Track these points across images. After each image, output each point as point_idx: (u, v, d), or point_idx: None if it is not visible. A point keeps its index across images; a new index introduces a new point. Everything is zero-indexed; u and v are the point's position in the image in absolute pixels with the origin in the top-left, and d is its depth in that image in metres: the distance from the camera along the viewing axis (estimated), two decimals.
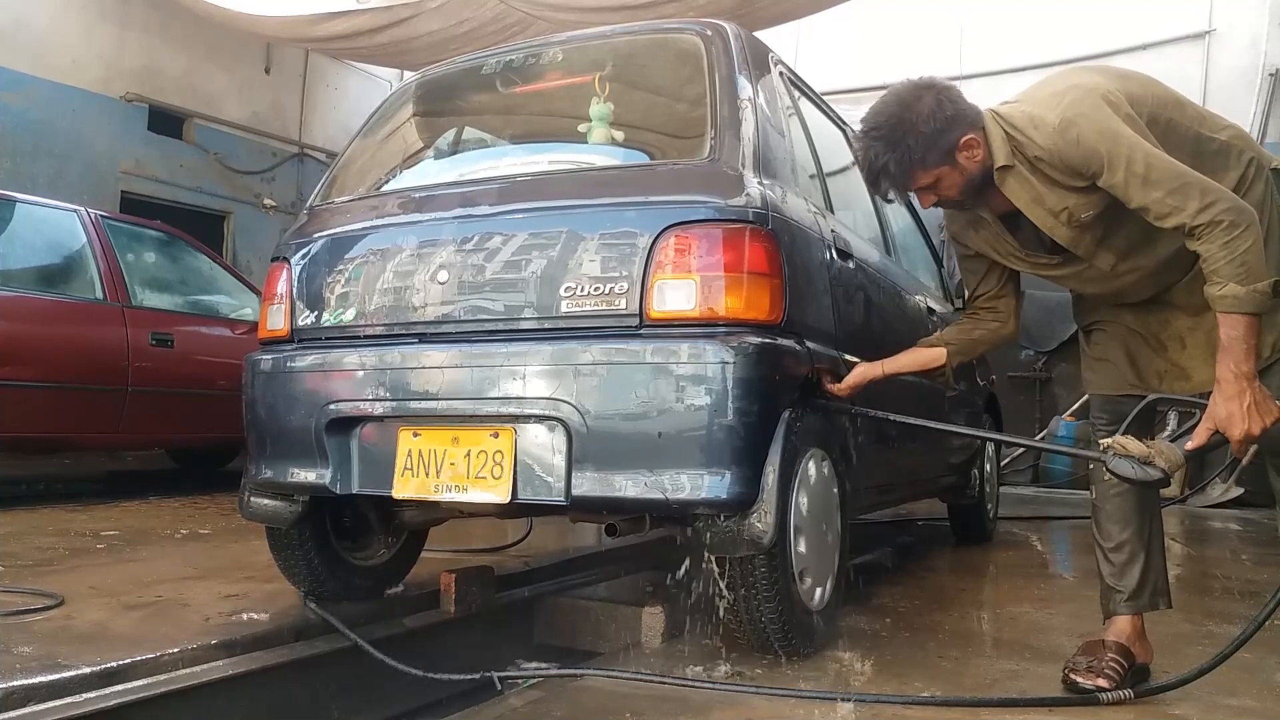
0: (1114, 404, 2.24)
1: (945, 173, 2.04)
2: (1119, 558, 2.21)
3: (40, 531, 3.86)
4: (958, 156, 2.02)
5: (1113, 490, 2.19)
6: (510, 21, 6.71)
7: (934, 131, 1.99)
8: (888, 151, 2.01)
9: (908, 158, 2.01)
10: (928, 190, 2.09)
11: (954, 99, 2.03)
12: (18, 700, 1.93)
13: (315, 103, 9.62)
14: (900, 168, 2.02)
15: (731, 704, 2.07)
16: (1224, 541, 4.98)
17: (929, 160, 2.02)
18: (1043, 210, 2.04)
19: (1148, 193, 1.87)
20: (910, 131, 1.99)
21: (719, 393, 2.10)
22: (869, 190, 2.15)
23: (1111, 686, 2.04)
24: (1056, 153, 1.96)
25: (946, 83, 2.08)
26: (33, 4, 7.23)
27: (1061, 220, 2.04)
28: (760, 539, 2.13)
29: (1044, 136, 1.97)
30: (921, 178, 2.05)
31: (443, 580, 2.88)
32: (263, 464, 2.58)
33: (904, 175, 2.04)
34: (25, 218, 4.94)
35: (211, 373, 5.19)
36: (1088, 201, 2.00)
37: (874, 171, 2.06)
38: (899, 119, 2.01)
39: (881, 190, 2.11)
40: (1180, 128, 2.03)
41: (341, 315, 2.52)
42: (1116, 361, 2.23)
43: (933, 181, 2.06)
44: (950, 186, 2.07)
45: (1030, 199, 2.05)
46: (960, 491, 4.38)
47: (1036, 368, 8.27)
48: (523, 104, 3.01)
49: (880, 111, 2.05)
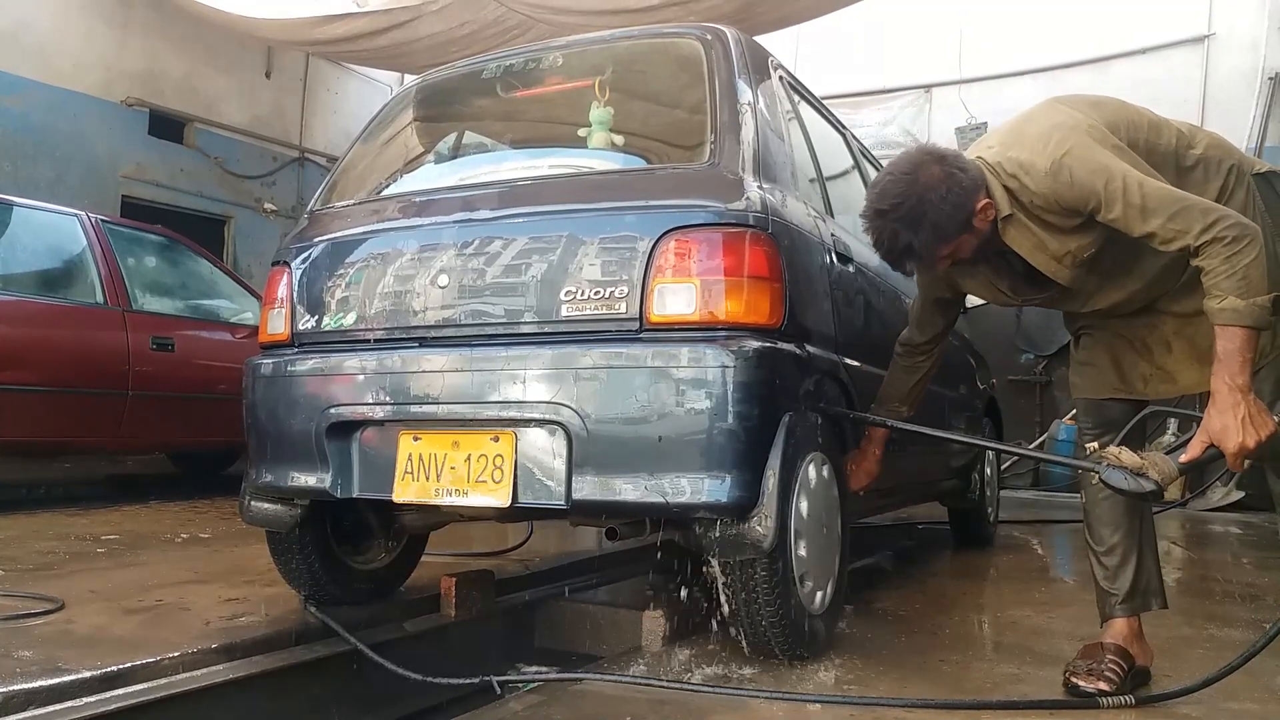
0: (1098, 408, 2.26)
1: (964, 240, 2.03)
2: (1111, 561, 2.21)
3: (40, 535, 3.86)
4: (974, 221, 2.00)
5: (1102, 494, 2.19)
6: (510, 25, 6.71)
7: (953, 207, 1.96)
8: (909, 233, 1.97)
9: (932, 235, 1.97)
10: (946, 259, 2.07)
11: (961, 166, 1.99)
12: (18, 704, 1.93)
13: (316, 107, 9.63)
14: (926, 246, 1.99)
15: (732, 708, 2.07)
16: (1224, 545, 4.98)
17: (951, 233, 1.99)
18: (1045, 256, 2.04)
19: (1148, 222, 1.88)
20: (930, 209, 1.95)
21: (719, 396, 2.10)
22: (891, 268, 2.12)
23: (1111, 689, 2.04)
24: (1052, 196, 1.96)
25: (945, 149, 2.05)
26: (34, 8, 7.24)
27: (1065, 264, 2.04)
28: (760, 543, 2.13)
29: (1037, 182, 1.97)
30: (944, 250, 2.03)
31: (443, 584, 2.88)
32: (263, 468, 2.58)
33: (929, 253, 2.01)
34: (26, 222, 4.94)
35: (212, 377, 5.19)
36: (1089, 241, 2.00)
37: (895, 251, 2.02)
38: (917, 198, 1.96)
39: (903, 268, 2.09)
40: (1159, 148, 2.05)
41: (342, 319, 2.52)
42: (1101, 366, 2.24)
43: (952, 250, 2.04)
44: (966, 248, 2.06)
45: (1033, 246, 2.04)
46: (961, 495, 4.38)
47: (1036, 371, 8.28)
48: (523, 108, 3.02)
49: (891, 192, 1.99)
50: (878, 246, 2.05)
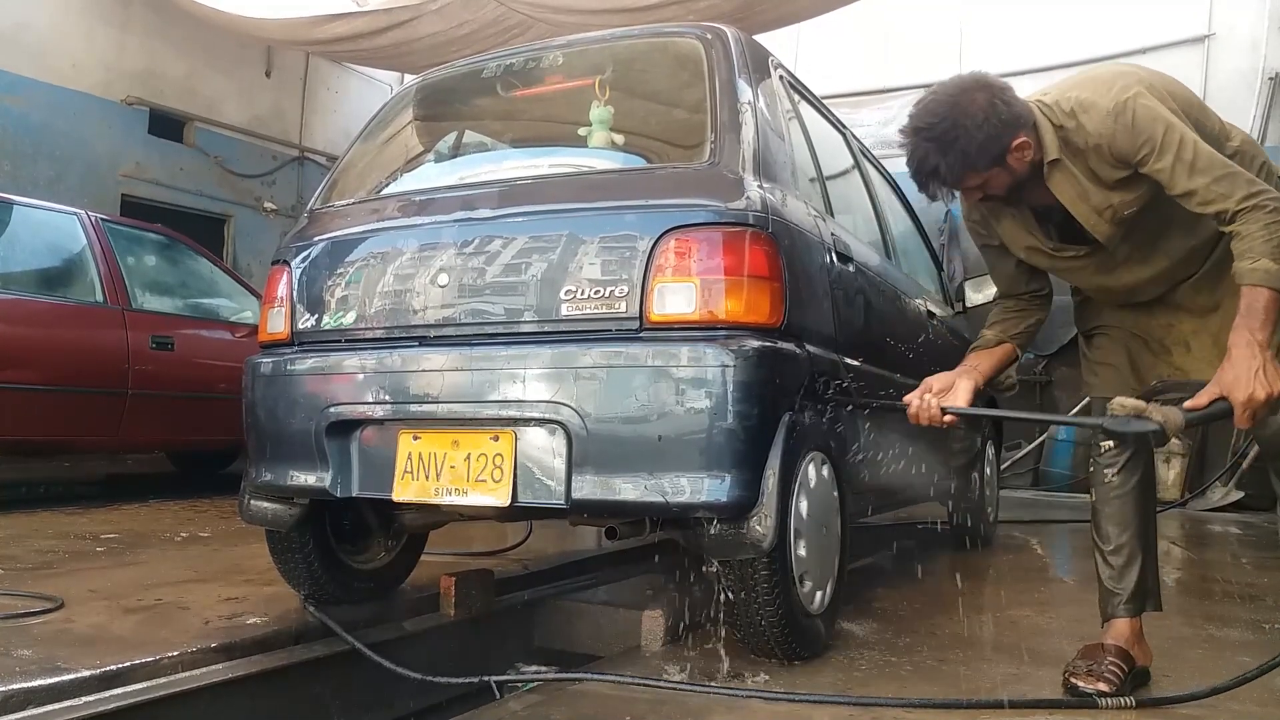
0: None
1: (995, 174, 2.01)
2: (1118, 560, 2.21)
3: (40, 534, 3.86)
4: (1009, 158, 1.99)
5: (1114, 493, 2.19)
6: (510, 24, 6.71)
7: (988, 136, 1.94)
8: (939, 154, 1.96)
9: (960, 162, 1.96)
10: (974, 190, 2.06)
11: (1008, 100, 1.98)
12: (17, 703, 1.93)
13: (316, 106, 9.62)
14: (951, 171, 1.98)
15: (731, 708, 2.07)
16: (1224, 545, 4.98)
17: (981, 164, 1.98)
18: (1087, 206, 2.03)
19: (1194, 179, 1.88)
20: (963, 135, 1.94)
21: (719, 396, 2.10)
22: (917, 188, 2.08)
23: (1111, 690, 2.04)
24: (1108, 137, 1.95)
25: (1000, 81, 2.02)
26: (33, 7, 7.24)
27: (1105, 217, 2.03)
28: (760, 542, 2.13)
29: (1095, 121, 1.96)
30: (971, 180, 2.01)
31: (442, 583, 2.88)
32: (263, 467, 2.58)
33: (954, 178, 2.00)
34: (25, 221, 4.94)
35: (212, 376, 5.19)
36: (1131, 198, 2.00)
37: (922, 172, 2.01)
38: (952, 121, 1.94)
39: (928, 191, 2.06)
40: (1204, 130, 2.04)
41: (342, 318, 2.52)
42: (1118, 366, 2.24)
43: (981, 183, 2.03)
44: (998, 185, 2.04)
45: (1075, 195, 2.03)
46: (961, 495, 4.37)
47: (1036, 371, 8.27)
48: (523, 107, 3.01)
49: (931, 110, 1.98)
50: (908, 164, 2.04)
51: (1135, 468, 2.21)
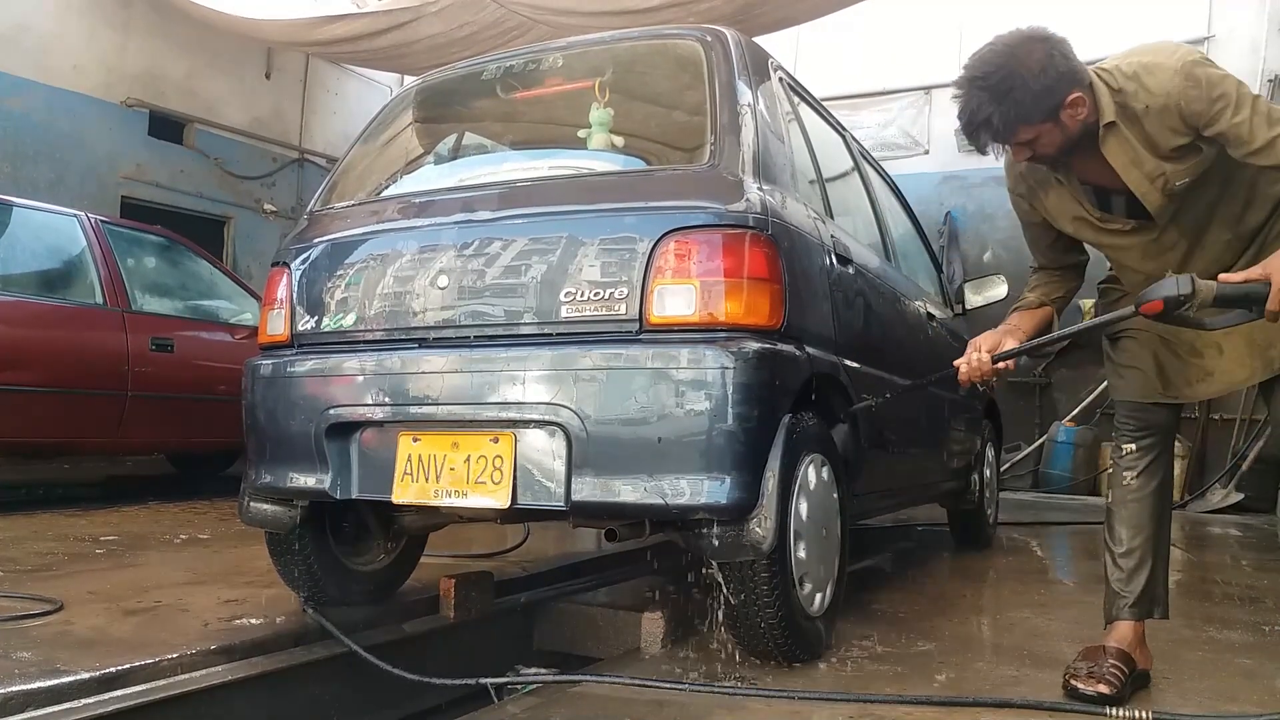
0: (1142, 411, 2.24)
1: (1047, 129, 1.98)
2: (1128, 563, 2.21)
3: (39, 536, 3.86)
4: (1062, 114, 1.96)
5: (1130, 495, 2.21)
6: (510, 26, 6.71)
7: (1044, 87, 1.92)
8: (992, 104, 1.94)
9: (1013, 112, 1.93)
10: (1025, 145, 2.02)
11: (1066, 54, 1.96)
12: (16, 706, 1.92)
13: (316, 108, 9.63)
14: (1004, 121, 1.95)
15: (731, 709, 2.07)
16: (1224, 547, 4.98)
17: (1034, 116, 1.95)
18: (1139, 174, 2.02)
19: (1275, 128, 1.89)
20: (1018, 85, 1.92)
21: (719, 398, 2.10)
22: (967, 141, 2.04)
23: (1112, 692, 2.04)
24: (1176, 95, 1.94)
25: (1059, 35, 2.00)
26: (34, 9, 7.24)
27: (1157, 185, 2.02)
28: (760, 544, 2.12)
29: (1161, 80, 1.95)
30: (1023, 133, 1.98)
31: (442, 585, 2.88)
32: (262, 469, 2.58)
33: (1006, 130, 1.97)
34: (25, 222, 4.94)
35: (211, 378, 5.19)
36: (1184, 168, 1.99)
37: (974, 123, 1.98)
38: (1008, 71, 1.93)
39: (978, 142, 2.03)
40: None
41: (341, 320, 2.52)
42: (1145, 369, 2.23)
43: (1033, 137, 2.00)
44: (1049, 144, 2.01)
45: (1129, 160, 2.02)
46: (960, 496, 4.38)
47: (1036, 373, 8.27)
48: (523, 109, 3.02)
49: (987, 60, 1.97)
50: (960, 116, 2.01)
51: (1155, 472, 2.22)
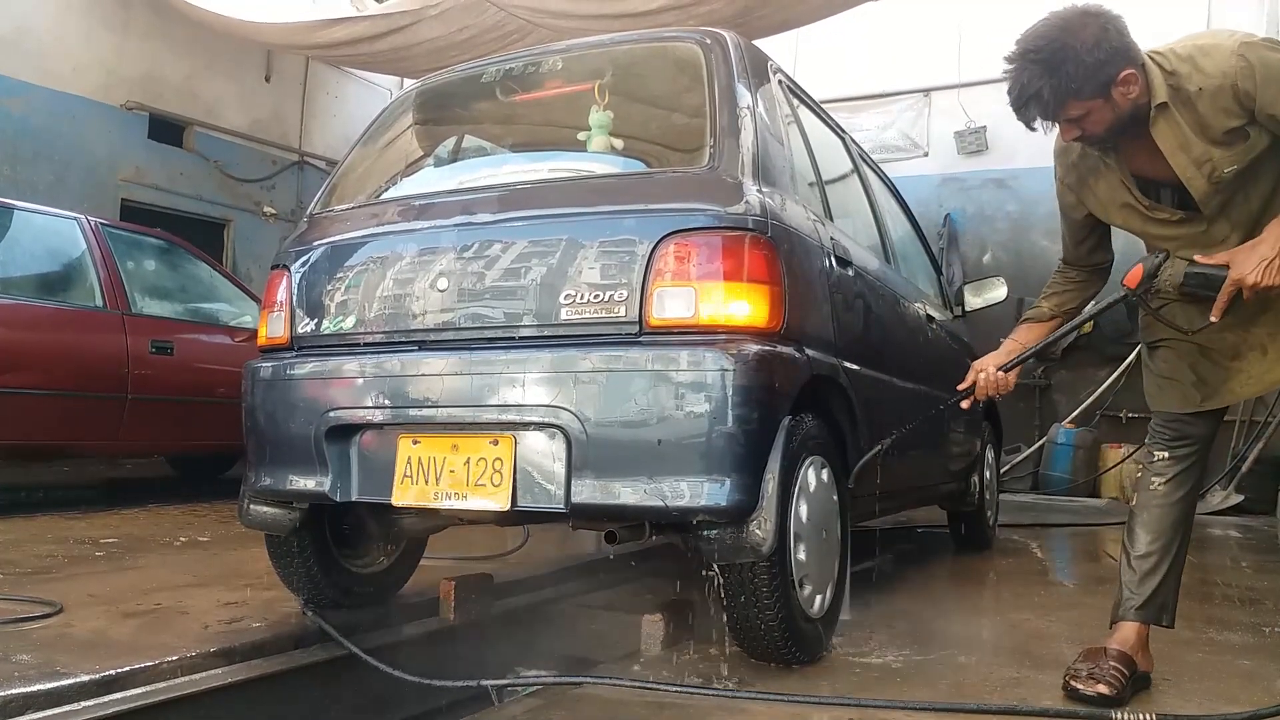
0: (1178, 422, 2.24)
1: (1098, 106, 1.96)
2: (1143, 566, 2.22)
3: (39, 539, 3.86)
4: (1114, 91, 1.94)
5: (1155, 500, 2.22)
6: (510, 29, 6.71)
7: (1096, 62, 1.91)
8: (1044, 77, 1.92)
9: (1065, 86, 1.92)
10: (1074, 123, 2.01)
11: (1120, 30, 1.95)
12: (16, 708, 1.93)
13: (315, 110, 9.63)
14: (1055, 95, 1.93)
15: (731, 711, 2.07)
16: (1224, 549, 4.98)
17: (1085, 91, 1.93)
18: (1187, 158, 2.01)
19: None
20: (1071, 58, 1.90)
21: (718, 400, 2.10)
22: (1016, 116, 2.02)
23: (1112, 693, 2.04)
24: (1233, 75, 1.93)
25: (1114, 12, 1.98)
26: (34, 11, 7.24)
27: (1204, 172, 2.01)
28: (760, 546, 2.12)
29: (1218, 61, 1.95)
30: (1073, 108, 1.96)
31: (442, 588, 2.88)
32: (262, 471, 2.58)
33: (1057, 104, 1.95)
34: (25, 225, 4.94)
35: (211, 380, 5.19)
36: (1232, 154, 1.98)
37: (1024, 96, 1.96)
38: (1061, 44, 1.91)
39: (1027, 116, 2.01)
40: None
41: (341, 323, 2.52)
42: (1182, 380, 2.23)
43: (1082, 114, 1.98)
44: (1098, 122, 1.99)
45: (1177, 144, 2.00)
46: (960, 498, 4.37)
47: (1036, 375, 8.27)
48: (522, 112, 3.02)
49: (1040, 34, 1.95)
50: (1010, 91, 2.00)
51: (1184, 482, 2.23)
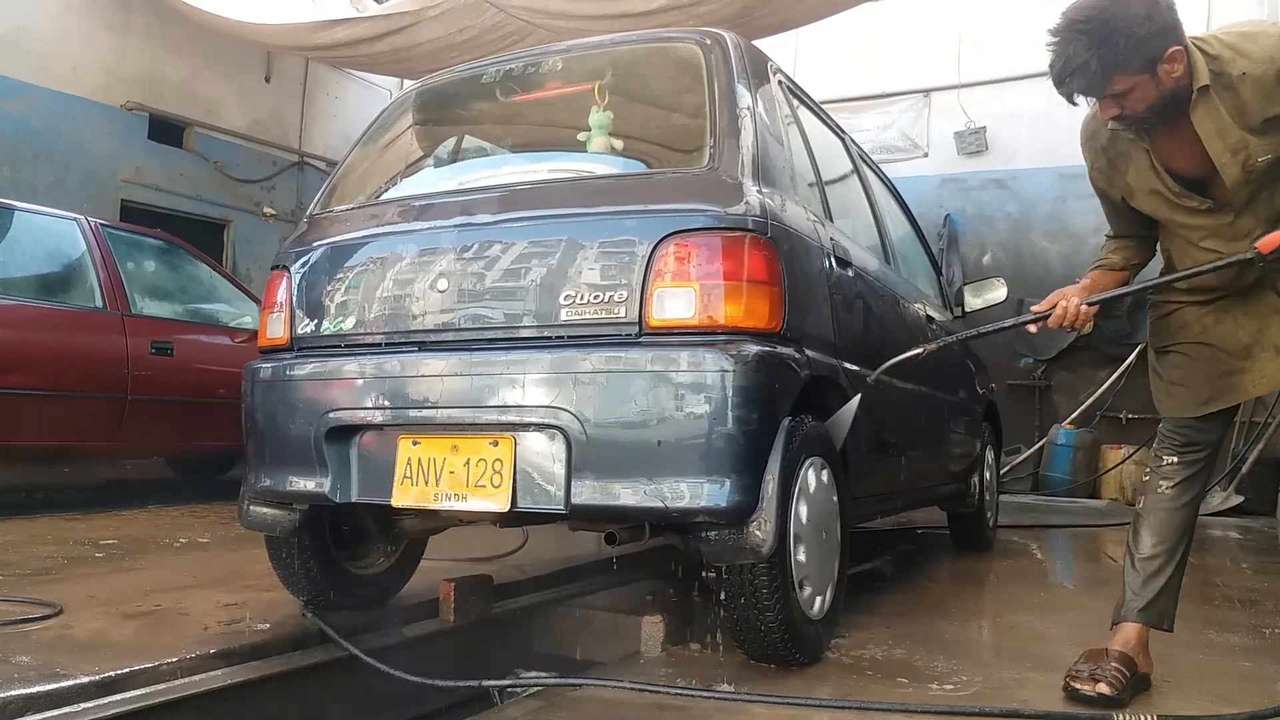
0: (1189, 428, 2.24)
1: (1143, 83, 1.93)
2: (1148, 568, 2.23)
3: (39, 540, 3.85)
4: (1160, 68, 1.91)
5: (1163, 504, 2.22)
6: (509, 30, 6.71)
7: (1148, 34, 1.88)
8: (1091, 48, 1.87)
9: (1113, 58, 1.88)
10: (1115, 100, 1.96)
11: (1170, 5, 1.92)
12: (15, 710, 1.92)
13: (315, 111, 9.63)
14: (1103, 67, 1.89)
15: (731, 712, 2.07)
16: (1224, 549, 4.98)
17: (1132, 65, 1.89)
18: (1223, 144, 1.99)
19: None
20: (1122, 30, 1.86)
21: (718, 401, 2.10)
22: (1058, 89, 1.97)
23: (1112, 693, 2.05)
24: (1278, 61, 1.92)
25: None
26: (34, 12, 7.24)
27: (1238, 160, 2.00)
28: (760, 547, 2.12)
29: (1263, 47, 1.94)
30: (1119, 83, 1.92)
31: (442, 589, 2.87)
32: (262, 472, 2.58)
33: (1104, 76, 1.90)
34: (25, 226, 4.94)
35: (211, 381, 5.18)
36: (1267, 144, 1.98)
37: (1069, 68, 1.92)
38: (1111, 15, 1.88)
39: (1069, 89, 1.96)
40: None
41: (341, 323, 2.52)
42: (1194, 386, 2.23)
43: (1127, 89, 1.93)
44: (1140, 100, 1.96)
45: (1214, 129, 1.99)
46: (960, 500, 4.37)
47: (1036, 376, 8.27)
48: (522, 113, 3.02)
49: (1089, 4, 1.91)
50: (1053, 65, 1.96)
51: (1191, 487, 2.23)
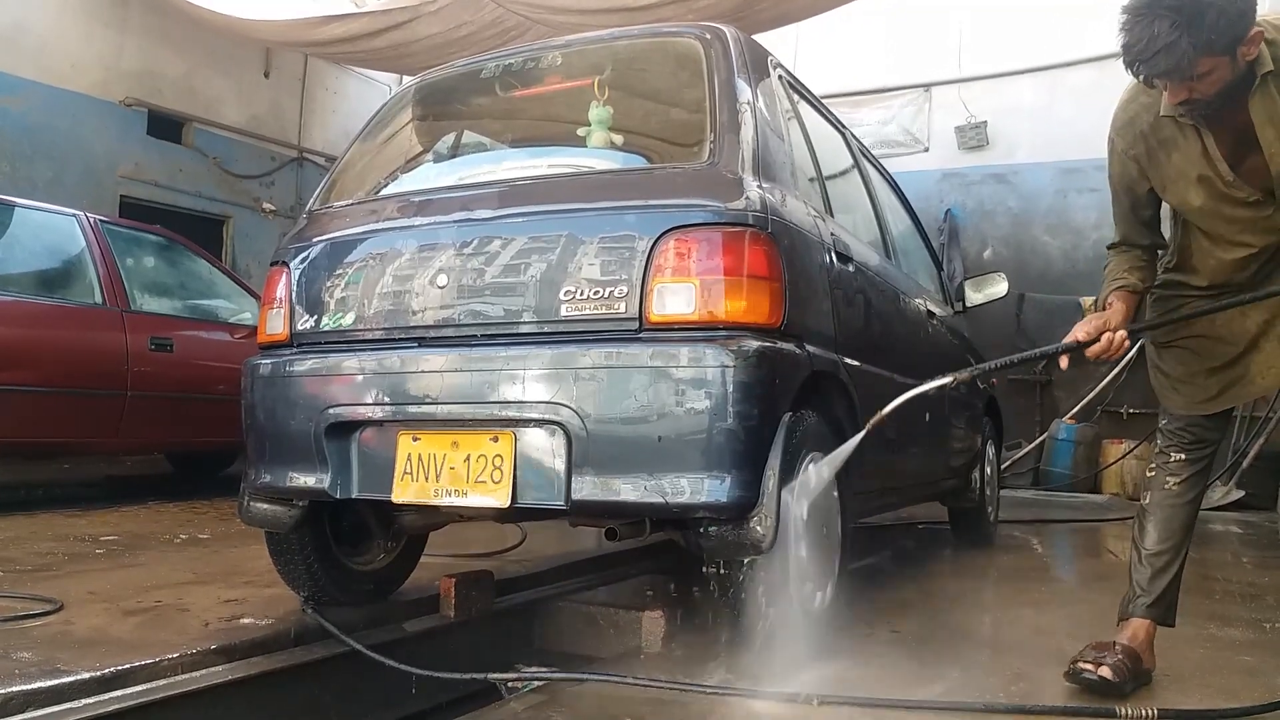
0: (1196, 426, 2.25)
1: (1223, 64, 1.83)
2: (1155, 563, 2.24)
3: (39, 536, 3.85)
4: (1239, 50, 1.82)
5: (1169, 500, 2.24)
6: (509, 25, 6.70)
7: (1238, 13, 1.77)
8: (1181, 28, 1.75)
9: (1204, 39, 1.76)
10: (1189, 84, 1.86)
11: None
12: (16, 706, 1.92)
13: (314, 107, 9.62)
14: (1194, 47, 1.77)
15: (731, 708, 2.06)
16: (1225, 544, 4.98)
17: (1218, 46, 1.78)
18: (1275, 133, 1.95)
19: None
20: (1214, 8, 1.75)
21: (719, 396, 2.09)
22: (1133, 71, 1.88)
23: (1115, 679, 2.07)
24: None
25: None
26: (32, 8, 7.23)
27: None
28: (760, 543, 2.12)
29: None
30: (1203, 65, 1.81)
31: (442, 585, 2.87)
32: (262, 468, 2.57)
33: (1192, 58, 1.79)
34: (24, 222, 4.93)
35: (211, 377, 5.18)
36: None
37: (1155, 48, 1.79)
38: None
39: (1153, 69, 1.84)
40: None
41: (341, 319, 2.51)
42: (1200, 384, 2.23)
43: (1207, 71, 1.83)
44: (1215, 83, 1.86)
45: (1268, 117, 1.94)
46: (961, 495, 4.37)
47: (1037, 371, 8.27)
48: (522, 108, 3.01)
49: None
50: (1131, 45, 1.84)
51: (1195, 483, 2.25)
